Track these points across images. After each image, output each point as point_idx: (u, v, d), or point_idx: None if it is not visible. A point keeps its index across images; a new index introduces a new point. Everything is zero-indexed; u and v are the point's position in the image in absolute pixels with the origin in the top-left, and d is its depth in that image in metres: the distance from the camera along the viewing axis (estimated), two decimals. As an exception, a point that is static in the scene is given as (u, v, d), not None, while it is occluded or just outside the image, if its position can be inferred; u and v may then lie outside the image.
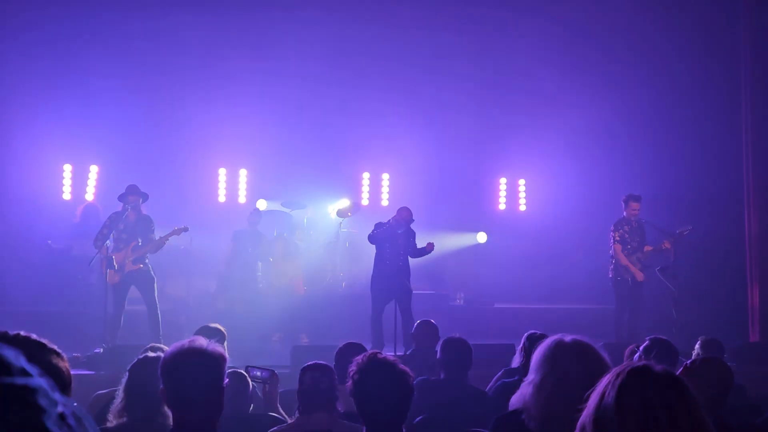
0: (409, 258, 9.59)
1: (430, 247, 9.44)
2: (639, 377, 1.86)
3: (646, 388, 1.84)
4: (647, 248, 9.87)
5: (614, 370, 1.93)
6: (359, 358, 3.05)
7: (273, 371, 4.77)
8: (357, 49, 13.00)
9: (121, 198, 9.00)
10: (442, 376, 5.11)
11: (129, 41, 12.23)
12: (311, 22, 12.64)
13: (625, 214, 9.99)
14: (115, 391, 3.82)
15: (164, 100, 12.56)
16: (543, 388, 2.53)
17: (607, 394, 1.87)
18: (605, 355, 2.60)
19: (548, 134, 13.28)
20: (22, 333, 2.11)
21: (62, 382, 2.06)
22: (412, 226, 9.68)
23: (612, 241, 9.92)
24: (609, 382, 1.89)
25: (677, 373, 1.95)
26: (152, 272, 9.13)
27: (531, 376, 2.60)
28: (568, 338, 2.60)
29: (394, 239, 9.43)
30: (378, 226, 9.57)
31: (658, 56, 12.78)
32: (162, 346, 5.02)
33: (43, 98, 12.14)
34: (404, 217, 9.45)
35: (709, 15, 12.00)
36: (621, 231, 9.90)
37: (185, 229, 9.12)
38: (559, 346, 2.58)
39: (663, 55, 12.70)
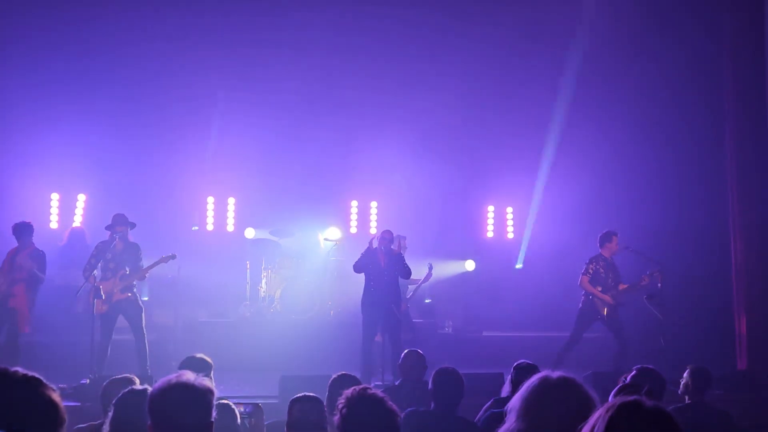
0: (401, 281, 9.65)
1: (427, 277, 9.61)
2: (629, 413, 1.86)
3: (635, 424, 1.84)
4: (622, 286, 9.90)
5: (606, 405, 1.93)
6: (348, 392, 3.04)
7: (257, 404, 4.73)
8: (345, 78, 13.07)
9: (108, 228, 8.98)
10: (432, 406, 5.09)
11: (117, 70, 12.24)
12: (299, 51, 12.72)
13: (601, 251, 10.03)
14: (95, 425, 3.77)
15: (152, 128, 12.57)
16: (529, 428, 2.48)
17: (596, 428, 1.87)
18: (591, 391, 2.56)
19: (536, 162, 13.38)
20: (20, 370, 2.12)
21: (59, 419, 2.10)
22: (402, 251, 9.76)
23: (582, 272, 9.95)
24: (600, 416, 1.90)
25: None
26: (140, 301, 9.10)
27: (513, 418, 2.51)
28: (554, 375, 2.56)
29: (376, 264, 9.48)
30: (363, 254, 9.66)
31: (645, 88, 12.89)
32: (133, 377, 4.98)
33: (30, 126, 12.13)
34: (383, 237, 9.65)
35: (694, 52, 12.14)
36: (594, 265, 9.92)
37: (173, 257, 9.10)
38: (545, 385, 2.53)
39: (649, 86, 12.83)
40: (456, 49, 13.25)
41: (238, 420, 4.53)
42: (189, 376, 2.53)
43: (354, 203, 14.06)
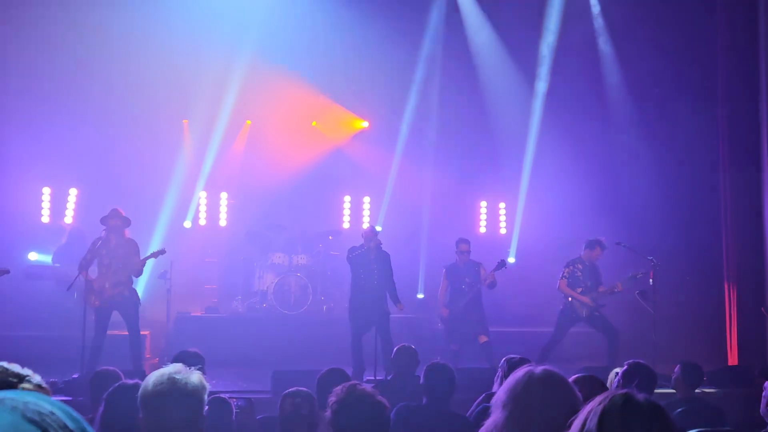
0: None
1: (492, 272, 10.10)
2: (621, 405, 1.87)
3: (628, 416, 1.85)
4: (601, 288, 9.93)
5: (597, 397, 1.93)
6: (338, 389, 3.05)
7: (249, 399, 4.72)
8: (338, 72, 13.08)
9: (103, 221, 8.93)
10: (424, 401, 5.09)
11: (108, 64, 12.19)
12: (294, 48, 12.71)
13: (582, 255, 10.05)
14: (86, 419, 3.74)
15: (143, 122, 12.52)
16: (512, 424, 2.48)
17: (588, 420, 1.88)
18: (574, 386, 2.56)
19: (529, 158, 13.39)
20: (5, 364, 2.09)
21: None
22: (387, 249, 9.72)
23: (560, 276, 9.98)
24: (592, 408, 1.90)
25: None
26: (135, 297, 9.05)
27: (498, 411, 2.52)
28: (538, 369, 2.56)
29: (366, 263, 9.46)
30: (351, 251, 9.63)
31: (635, 78, 12.94)
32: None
33: (22, 120, 12.08)
34: (367, 233, 9.59)
35: (688, 39, 12.22)
36: (572, 268, 9.97)
37: (162, 252, 9.05)
38: (529, 379, 2.53)
39: (640, 74, 12.88)
40: (451, 47, 13.28)
41: (233, 414, 4.53)
42: (181, 369, 2.52)
43: (347, 198, 14.05)
